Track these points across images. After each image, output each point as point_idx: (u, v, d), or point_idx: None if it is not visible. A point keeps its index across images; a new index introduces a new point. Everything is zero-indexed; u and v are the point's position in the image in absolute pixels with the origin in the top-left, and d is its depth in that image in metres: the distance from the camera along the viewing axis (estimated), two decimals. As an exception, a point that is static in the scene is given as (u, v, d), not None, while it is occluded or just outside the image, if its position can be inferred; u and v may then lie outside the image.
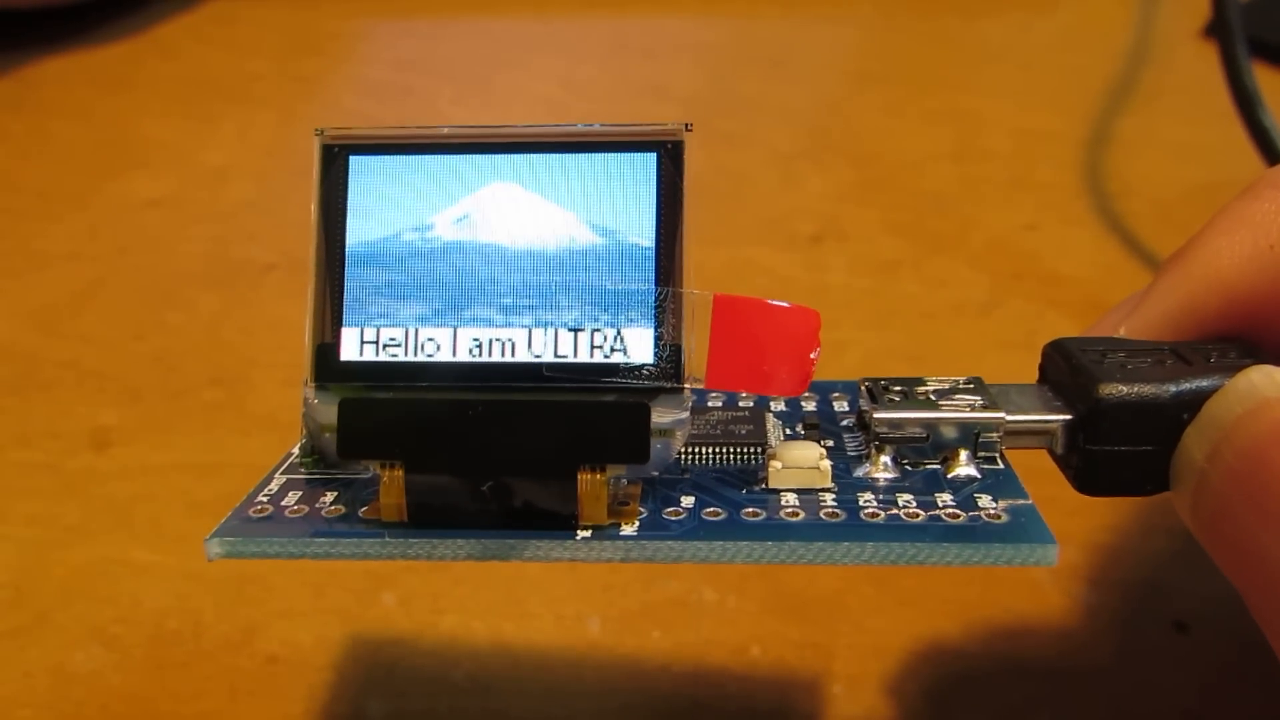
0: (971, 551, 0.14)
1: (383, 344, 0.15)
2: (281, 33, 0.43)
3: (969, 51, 0.44)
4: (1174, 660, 0.23)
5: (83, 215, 0.34)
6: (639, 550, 0.14)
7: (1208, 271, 0.16)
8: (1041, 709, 0.22)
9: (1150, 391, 0.15)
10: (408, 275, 0.15)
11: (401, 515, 0.14)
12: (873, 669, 0.23)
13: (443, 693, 0.22)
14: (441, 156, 0.15)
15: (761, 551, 0.14)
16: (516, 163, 0.15)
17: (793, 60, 0.43)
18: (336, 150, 0.15)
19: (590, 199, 0.15)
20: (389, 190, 0.15)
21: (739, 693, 0.22)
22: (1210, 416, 0.14)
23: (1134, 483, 0.15)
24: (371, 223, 0.15)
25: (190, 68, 0.42)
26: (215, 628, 0.23)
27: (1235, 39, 0.32)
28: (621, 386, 0.14)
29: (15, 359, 0.29)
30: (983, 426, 0.15)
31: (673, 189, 0.14)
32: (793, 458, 0.15)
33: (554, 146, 0.15)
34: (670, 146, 0.15)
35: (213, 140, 0.38)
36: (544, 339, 0.14)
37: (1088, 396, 0.15)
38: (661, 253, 0.14)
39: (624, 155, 0.14)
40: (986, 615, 0.24)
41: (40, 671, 0.23)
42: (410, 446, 0.14)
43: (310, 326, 0.15)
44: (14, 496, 0.26)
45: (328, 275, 0.15)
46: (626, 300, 0.14)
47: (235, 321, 0.31)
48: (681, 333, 0.14)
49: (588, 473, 0.14)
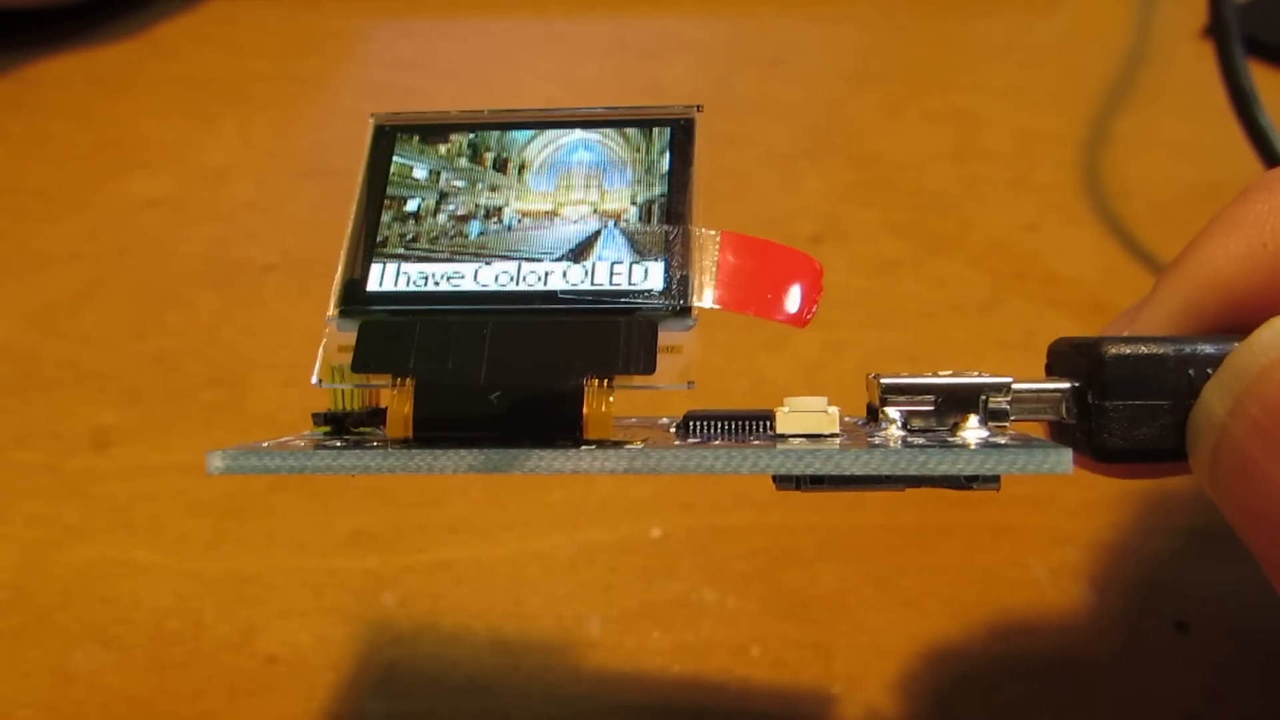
0: (984, 458, 0.13)
1: (410, 277, 0.16)
2: (281, 33, 0.43)
3: (969, 51, 0.44)
4: (1174, 660, 0.23)
5: (83, 215, 0.34)
6: (642, 459, 0.14)
7: (1205, 272, 0.16)
8: (1041, 709, 0.22)
9: (1154, 349, 0.15)
10: (440, 231, 0.16)
11: (407, 430, 0.15)
12: (873, 669, 0.23)
13: (443, 693, 0.22)
14: (483, 132, 0.17)
15: (769, 459, 0.14)
16: (550, 136, 0.17)
17: (793, 60, 0.43)
18: (386, 130, 0.17)
19: (611, 163, 0.16)
20: (428, 163, 0.17)
21: (739, 693, 0.22)
22: (1234, 367, 0.13)
23: (1149, 442, 0.15)
24: (408, 188, 0.16)
25: (190, 68, 0.42)
26: (215, 628, 0.23)
27: (1232, 40, 0.32)
28: (632, 308, 0.15)
29: (15, 359, 0.29)
30: (991, 390, 0.15)
31: (684, 154, 0.16)
32: (801, 403, 0.15)
33: (583, 123, 0.17)
34: (683, 123, 0.17)
35: (213, 140, 0.38)
36: (563, 269, 0.15)
37: (1092, 354, 0.15)
38: (673, 200, 0.16)
39: (645, 129, 0.16)
40: (986, 615, 0.24)
41: (40, 671, 0.23)
42: (422, 360, 0.15)
43: (342, 265, 0.16)
44: (14, 496, 0.26)
45: (365, 220, 0.16)
46: (642, 242, 0.16)
47: (235, 321, 0.31)
48: (690, 264, 0.15)
49: (594, 383, 0.14)
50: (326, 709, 0.22)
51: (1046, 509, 0.26)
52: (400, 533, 0.25)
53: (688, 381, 0.15)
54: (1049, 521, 0.25)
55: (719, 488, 0.26)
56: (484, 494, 0.26)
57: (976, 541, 0.25)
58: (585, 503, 0.26)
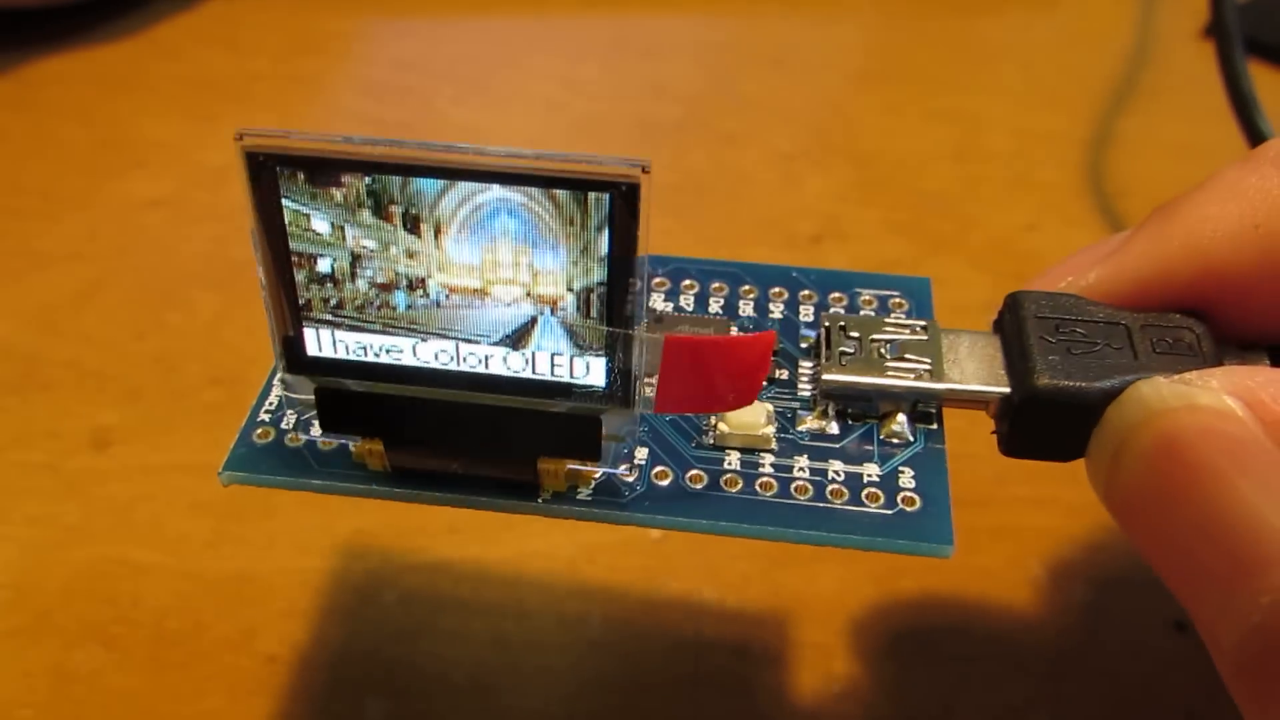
0: (879, 543, 0.16)
1: (349, 346, 0.15)
2: (281, 33, 0.43)
3: (969, 51, 0.44)
4: (1174, 660, 0.23)
5: (83, 215, 0.34)
6: (591, 514, 0.16)
7: (1189, 240, 0.16)
8: (1041, 709, 0.22)
9: (1084, 389, 0.16)
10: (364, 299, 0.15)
11: (384, 466, 0.16)
12: (872, 669, 0.23)
13: (443, 693, 0.22)
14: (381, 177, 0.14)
15: (695, 526, 0.16)
16: (464, 190, 0.14)
17: (793, 60, 0.43)
18: (262, 160, 0.14)
19: (541, 236, 0.14)
20: (326, 213, 0.14)
21: (739, 693, 0.22)
22: (1109, 423, 0.15)
23: (1054, 454, 0.16)
24: (312, 243, 0.14)
25: (190, 68, 0.42)
26: (215, 628, 0.23)
27: (1233, 44, 0.32)
28: (576, 402, 0.15)
29: (15, 359, 0.29)
30: (922, 396, 0.17)
31: (626, 234, 0.14)
32: (740, 423, 0.17)
33: (502, 177, 0.14)
34: (625, 190, 0.13)
35: (213, 140, 0.38)
36: (503, 355, 0.15)
37: (1024, 384, 0.16)
38: (614, 292, 0.14)
39: (578, 194, 0.14)
40: (986, 615, 0.24)
41: (40, 671, 0.23)
42: (386, 431, 0.16)
43: (271, 320, 0.15)
44: (14, 496, 0.26)
45: (279, 279, 0.15)
46: (582, 336, 0.15)
47: (235, 321, 0.31)
48: (633, 362, 0.15)
49: (548, 461, 0.16)
50: (326, 709, 0.22)
51: (1047, 509, 0.26)
52: (400, 533, 0.25)
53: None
54: (1049, 521, 0.25)
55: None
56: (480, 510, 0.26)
57: (976, 541, 0.25)
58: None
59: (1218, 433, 0.14)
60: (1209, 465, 0.14)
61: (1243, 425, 0.14)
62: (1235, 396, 0.14)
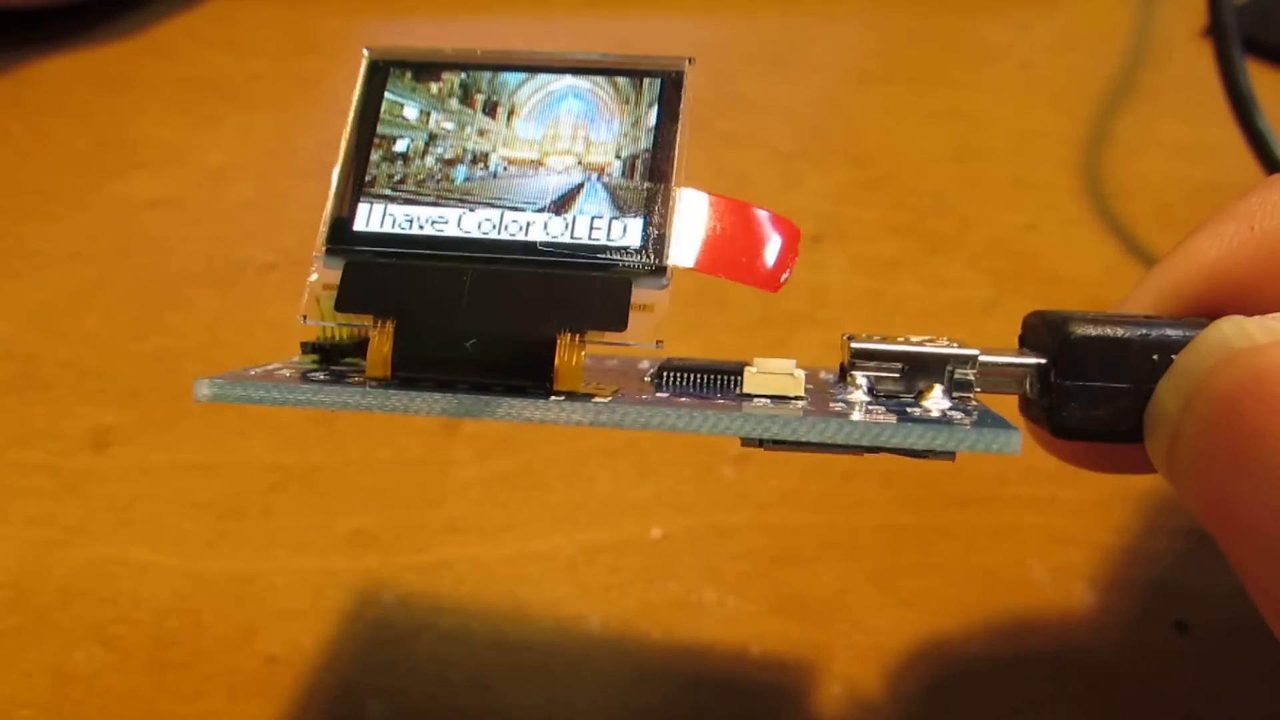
0: (935, 434, 0.14)
1: (396, 219, 0.16)
2: (281, 32, 0.43)
3: (969, 51, 0.44)
4: (1174, 660, 0.23)
5: (83, 215, 0.34)
6: (608, 414, 0.14)
7: (1191, 257, 0.16)
8: (1041, 709, 0.22)
9: (1120, 332, 0.15)
10: (427, 174, 0.16)
11: (386, 370, 0.15)
12: (873, 669, 0.23)
13: (443, 693, 0.22)
14: (475, 72, 0.17)
15: (729, 421, 0.14)
16: (541, 80, 0.17)
17: (793, 60, 0.43)
18: (380, 64, 0.17)
19: (599, 113, 0.16)
20: (419, 101, 0.17)
21: (739, 693, 0.22)
22: (1183, 368, 0.14)
23: (1107, 423, 0.15)
24: (398, 127, 0.17)
25: (190, 68, 0.42)
26: (215, 628, 0.23)
27: (1231, 44, 0.32)
28: (608, 264, 0.15)
29: (15, 359, 0.29)
30: (957, 361, 0.16)
31: (671, 110, 0.16)
32: (768, 364, 0.16)
33: (575, 69, 0.16)
34: (674, 76, 0.17)
35: (213, 140, 0.38)
36: (545, 221, 0.16)
37: (1059, 333, 0.15)
38: (657, 157, 0.16)
39: (635, 78, 0.16)
40: (986, 615, 0.24)
41: (40, 671, 0.23)
42: (403, 304, 0.15)
43: (331, 202, 0.16)
44: (14, 496, 0.26)
45: (355, 157, 0.16)
46: (623, 198, 0.16)
47: (235, 321, 0.31)
48: (669, 224, 0.15)
49: (567, 336, 0.15)
50: (326, 709, 0.22)
51: (1047, 509, 0.26)
52: (400, 533, 0.25)
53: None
54: (1049, 521, 0.25)
55: (719, 487, 0.26)
56: (484, 494, 0.26)
57: (976, 541, 0.25)
58: (585, 503, 0.26)
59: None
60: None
61: None
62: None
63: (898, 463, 0.17)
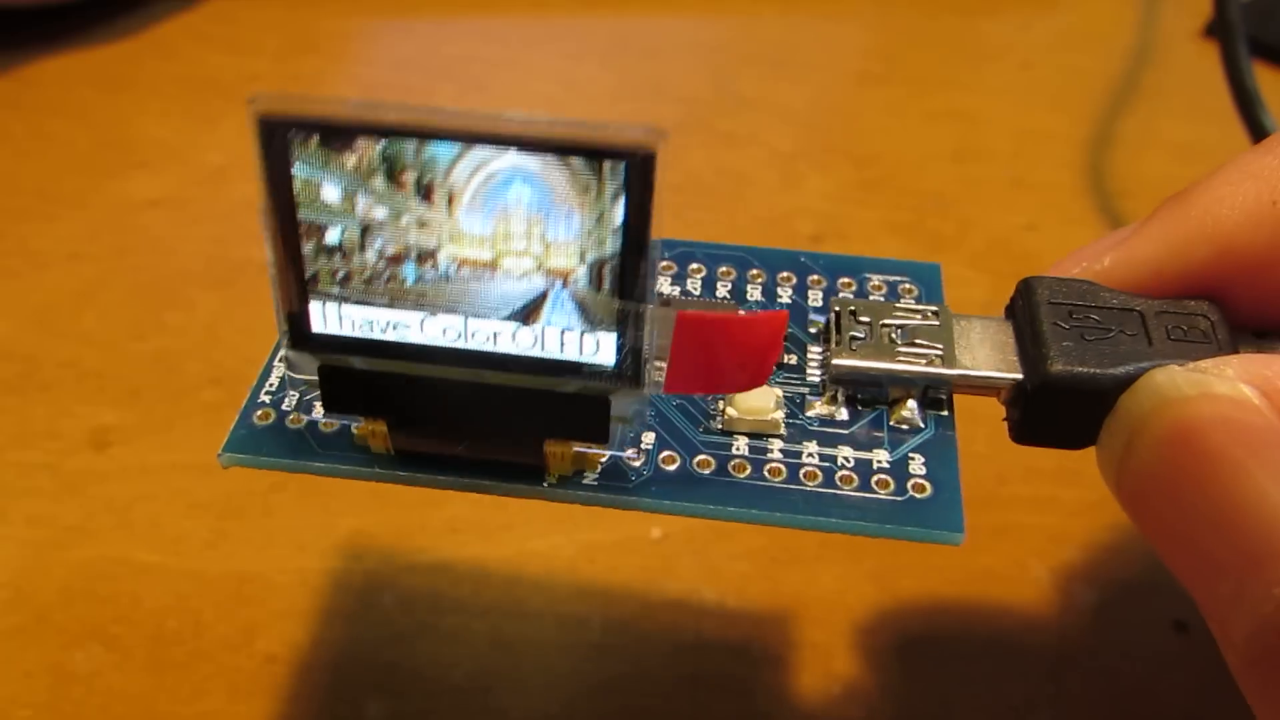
0: (889, 530, 0.16)
1: (355, 322, 0.15)
2: (281, 33, 0.43)
3: (969, 51, 0.44)
4: (1174, 660, 0.23)
5: (83, 215, 0.34)
6: (596, 499, 0.16)
7: (1205, 219, 0.16)
8: (1041, 709, 0.22)
9: (1098, 375, 0.15)
10: (373, 272, 0.15)
11: (388, 450, 0.16)
12: (872, 669, 0.23)
13: (443, 693, 0.22)
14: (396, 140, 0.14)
15: (701, 511, 0.16)
16: (479, 156, 0.14)
17: (793, 60, 0.43)
18: (275, 125, 0.14)
19: (555, 205, 0.14)
20: (338, 181, 0.14)
21: (739, 692, 0.22)
22: (1124, 409, 0.15)
23: (1065, 441, 0.16)
24: (322, 213, 0.14)
25: (190, 67, 0.42)
26: (215, 628, 0.23)
27: (1237, 39, 0.32)
28: (586, 374, 0.15)
29: (15, 359, 0.29)
30: (933, 382, 0.17)
31: (641, 204, 0.13)
32: (748, 408, 0.17)
33: (518, 142, 0.13)
34: (641, 160, 0.13)
35: (213, 140, 0.38)
36: (512, 331, 0.15)
37: (1038, 370, 0.16)
38: (626, 265, 0.14)
39: (594, 160, 0.13)
40: (986, 616, 0.24)
41: (40, 671, 0.23)
42: (390, 411, 0.16)
43: (276, 294, 0.15)
44: (14, 496, 0.26)
45: (285, 249, 0.14)
46: (593, 311, 0.14)
47: (235, 321, 0.31)
48: (643, 340, 0.15)
49: (554, 444, 0.16)
50: (326, 709, 0.22)
51: (1047, 509, 0.26)
52: (400, 533, 0.25)
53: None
54: (1049, 521, 0.25)
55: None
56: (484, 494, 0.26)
57: (976, 541, 0.25)
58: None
59: (1233, 422, 0.14)
60: (1224, 454, 0.13)
61: (1259, 414, 0.14)
62: (1251, 385, 0.14)
63: (898, 463, 0.17)
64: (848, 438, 0.17)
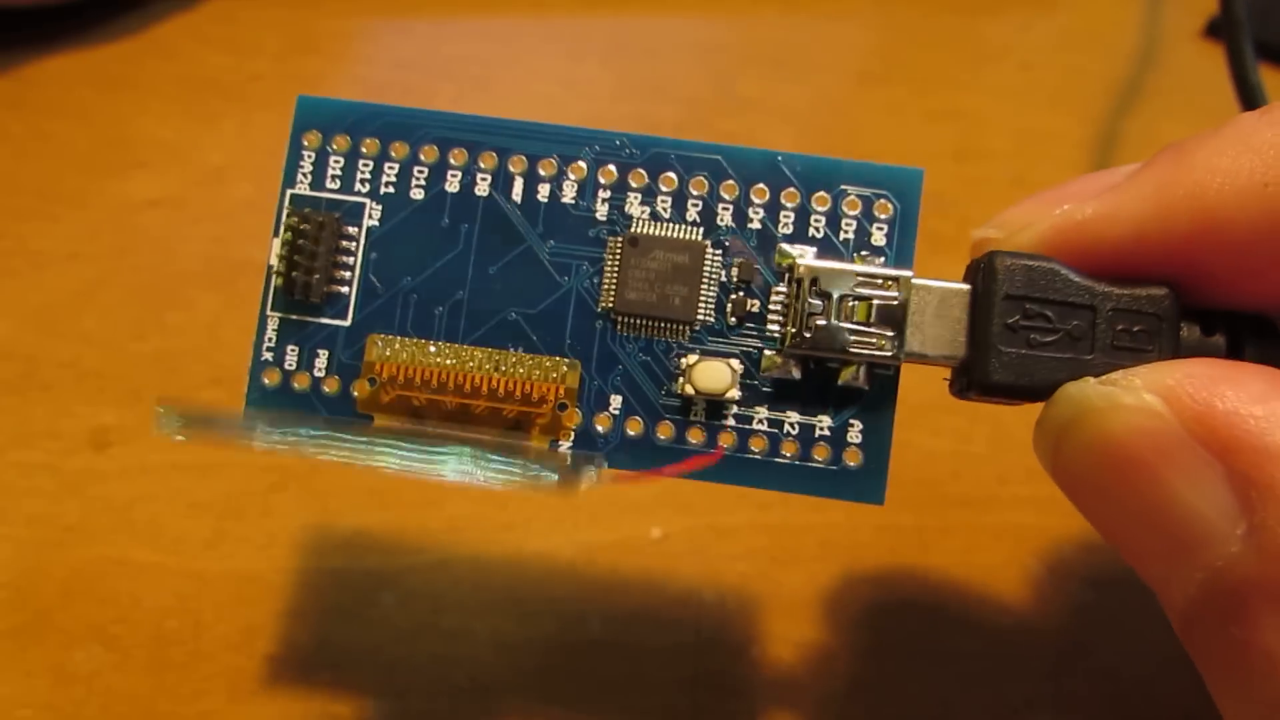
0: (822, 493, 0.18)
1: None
2: (281, 33, 0.43)
3: (969, 51, 0.44)
4: (1174, 660, 0.23)
5: (83, 215, 0.34)
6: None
7: (1195, 190, 0.16)
8: (1041, 709, 0.22)
9: (1033, 383, 0.17)
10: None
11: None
12: (873, 669, 0.23)
13: (443, 693, 0.22)
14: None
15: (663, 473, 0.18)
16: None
17: (793, 60, 0.43)
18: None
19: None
20: None
21: (739, 692, 0.22)
22: (1047, 417, 0.17)
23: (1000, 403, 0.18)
24: None
25: (190, 68, 0.42)
26: (215, 628, 0.23)
27: (1241, 34, 0.32)
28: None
29: (15, 359, 0.29)
30: (880, 363, 0.18)
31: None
32: (706, 388, 0.18)
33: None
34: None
35: (213, 140, 0.38)
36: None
37: (979, 367, 0.17)
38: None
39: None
40: (986, 615, 0.24)
41: (40, 671, 0.23)
42: None
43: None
44: (14, 496, 0.26)
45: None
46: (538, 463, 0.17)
47: (235, 321, 0.31)
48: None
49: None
50: (326, 709, 0.22)
51: (1047, 509, 0.25)
52: (400, 533, 0.25)
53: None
54: (1049, 521, 0.25)
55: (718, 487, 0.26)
56: (484, 494, 0.26)
57: (976, 541, 0.25)
58: (585, 503, 0.26)
59: (1143, 430, 0.15)
60: (1138, 459, 0.15)
61: (1164, 421, 0.15)
62: (1155, 394, 0.15)
63: (897, 463, 0.17)
64: (797, 398, 0.18)
